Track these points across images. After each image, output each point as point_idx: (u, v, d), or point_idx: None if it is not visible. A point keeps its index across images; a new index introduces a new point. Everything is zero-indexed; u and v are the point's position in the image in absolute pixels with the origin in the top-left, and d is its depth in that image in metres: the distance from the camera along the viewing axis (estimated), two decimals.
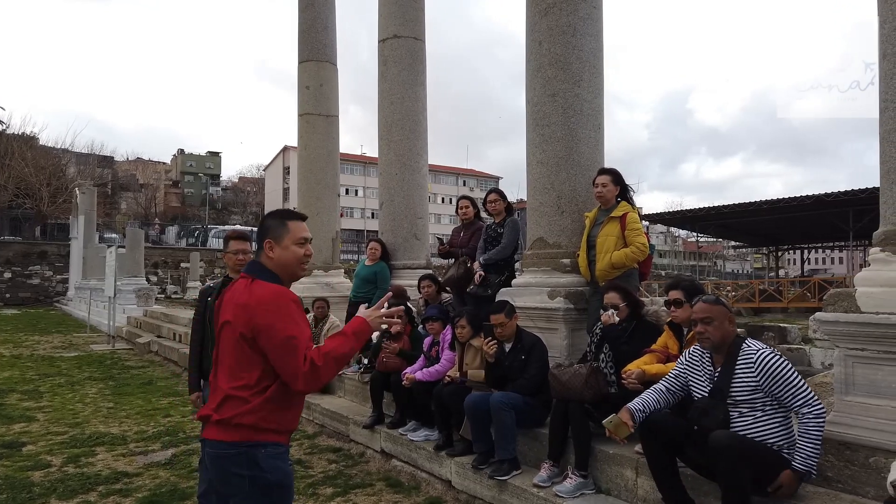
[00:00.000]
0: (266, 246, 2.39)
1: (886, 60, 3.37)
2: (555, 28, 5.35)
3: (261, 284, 2.30)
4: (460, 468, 4.84)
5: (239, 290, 2.33)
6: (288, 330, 2.20)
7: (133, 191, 73.53)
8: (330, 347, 2.26)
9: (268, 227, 2.43)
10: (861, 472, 3.21)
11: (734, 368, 3.24)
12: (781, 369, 3.14)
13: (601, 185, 5.01)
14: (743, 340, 3.31)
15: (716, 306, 3.34)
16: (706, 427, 3.22)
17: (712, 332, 3.31)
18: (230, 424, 2.23)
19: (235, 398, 2.24)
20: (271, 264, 2.38)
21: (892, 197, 3.34)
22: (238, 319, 2.25)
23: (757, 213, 27.78)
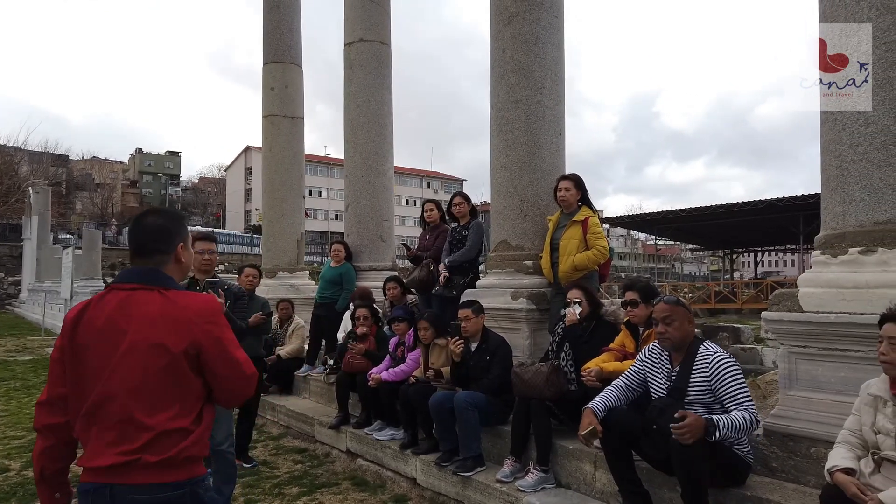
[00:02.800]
0: (181, 247, 2.13)
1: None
2: (518, 36, 5.50)
3: (184, 295, 2.03)
4: (425, 466, 4.94)
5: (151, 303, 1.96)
6: (233, 342, 2.04)
7: (89, 190, 71.72)
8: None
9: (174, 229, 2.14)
10: (803, 462, 3.41)
11: (692, 368, 3.40)
12: (730, 370, 3.30)
13: (564, 189, 5.18)
14: (702, 342, 3.48)
15: (676, 307, 3.50)
16: (663, 425, 3.37)
17: (672, 332, 3.46)
18: (174, 462, 1.91)
19: (174, 431, 1.92)
20: (179, 268, 2.14)
21: (831, 204, 3.55)
22: (167, 336, 1.92)
23: (711, 217, 28.59)
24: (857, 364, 3.26)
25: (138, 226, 2.11)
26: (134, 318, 1.93)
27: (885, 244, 3.28)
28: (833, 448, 2.87)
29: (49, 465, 2.08)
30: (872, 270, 3.28)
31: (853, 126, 3.42)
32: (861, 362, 3.24)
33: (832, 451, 2.85)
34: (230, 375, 2.01)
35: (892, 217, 3.29)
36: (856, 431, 2.83)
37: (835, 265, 3.45)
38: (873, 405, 2.78)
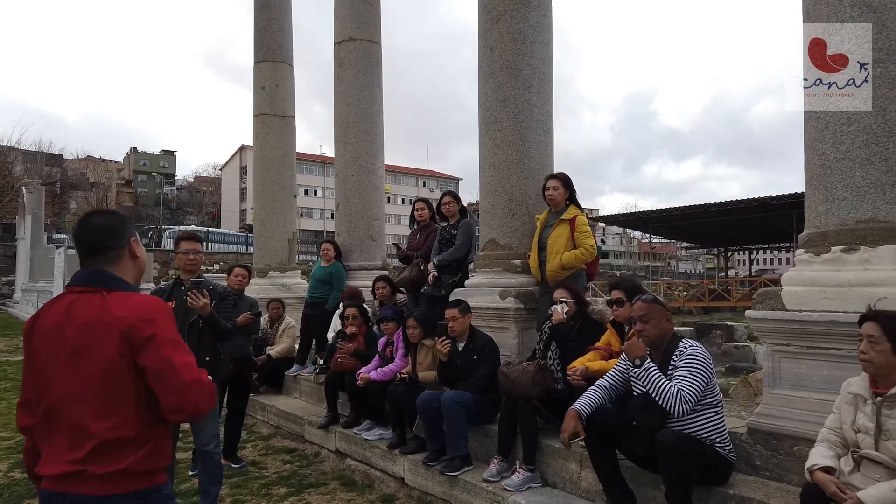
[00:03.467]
0: (132, 243, 2.05)
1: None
2: (506, 35, 5.49)
3: (125, 297, 1.93)
4: (413, 465, 4.94)
5: (91, 307, 1.91)
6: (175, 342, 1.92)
7: (84, 190, 71.43)
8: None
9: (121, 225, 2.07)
10: (787, 461, 3.42)
11: (669, 366, 3.41)
12: (692, 361, 3.34)
13: (552, 188, 5.18)
14: (680, 339, 3.49)
15: (653, 305, 3.51)
16: (644, 422, 3.38)
17: (649, 330, 3.47)
18: (125, 475, 1.86)
19: (120, 441, 1.86)
20: (132, 266, 2.06)
21: (814, 202, 3.56)
22: (106, 340, 1.86)
23: (705, 216, 28.65)
24: (839, 362, 3.26)
25: (85, 226, 2.03)
26: (74, 323, 1.89)
27: (868, 242, 3.29)
28: (814, 446, 2.87)
29: (33, 464, 2.05)
30: (854, 269, 3.29)
31: (836, 125, 3.42)
32: (843, 361, 3.24)
33: (812, 450, 2.85)
34: (164, 378, 1.86)
35: (875, 215, 3.30)
36: (836, 430, 2.83)
37: (818, 264, 3.46)
38: (853, 403, 2.78)
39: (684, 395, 3.21)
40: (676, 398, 3.20)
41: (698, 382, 3.29)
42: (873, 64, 3.30)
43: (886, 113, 3.28)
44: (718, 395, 3.48)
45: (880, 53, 3.29)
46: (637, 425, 3.42)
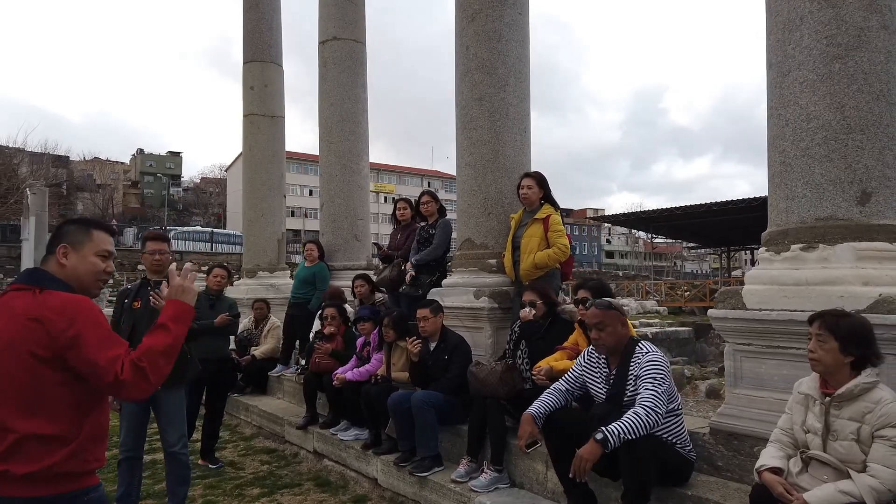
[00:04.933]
0: (60, 251, 2.06)
1: (772, 70, 3.56)
2: (481, 33, 5.47)
3: (52, 294, 1.94)
4: (386, 466, 4.92)
5: (20, 304, 1.93)
6: (98, 338, 1.90)
7: (90, 191, 71.76)
8: (150, 344, 1.96)
9: (65, 231, 2.12)
10: (747, 461, 3.37)
11: (627, 372, 3.37)
12: (650, 369, 3.27)
13: (526, 187, 5.15)
14: (637, 343, 3.45)
15: (608, 311, 3.46)
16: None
17: (605, 338, 3.44)
18: (44, 477, 1.85)
19: (44, 438, 1.86)
20: (63, 272, 2.05)
21: (776, 200, 3.52)
22: (28, 338, 1.87)
23: (707, 215, 28.51)
24: (797, 362, 3.21)
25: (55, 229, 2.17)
26: (2, 319, 1.92)
27: (826, 241, 3.25)
28: (765, 447, 2.84)
29: None
30: (813, 267, 3.25)
31: (796, 121, 3.38)
32: (802, 360, 3.16)
33: (763, 450, 2.83)
34: (94, 378, 1.90)
35: (834, 213, 3.26)
36: (787, 430, 2.80)
37: (778, 262, 3.42)
38: (804, 403, 2.75)
39: (657, 410, 3.13)
40: (653, 417, 3.10)
41: (663, 388, 3.24)
42: (832, 59, 3.26)
43: (845, 110, 3.24)
44: (677, 398, 3.45)
45: (839, 49, 3.25)
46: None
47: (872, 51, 3.23)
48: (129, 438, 4.24)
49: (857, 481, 2.44)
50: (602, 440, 3.00)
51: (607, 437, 3.00)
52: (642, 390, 3.22)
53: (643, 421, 3.06)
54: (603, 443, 3.00)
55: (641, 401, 3.17)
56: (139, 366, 1.89)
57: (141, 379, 1.90)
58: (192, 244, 46.79)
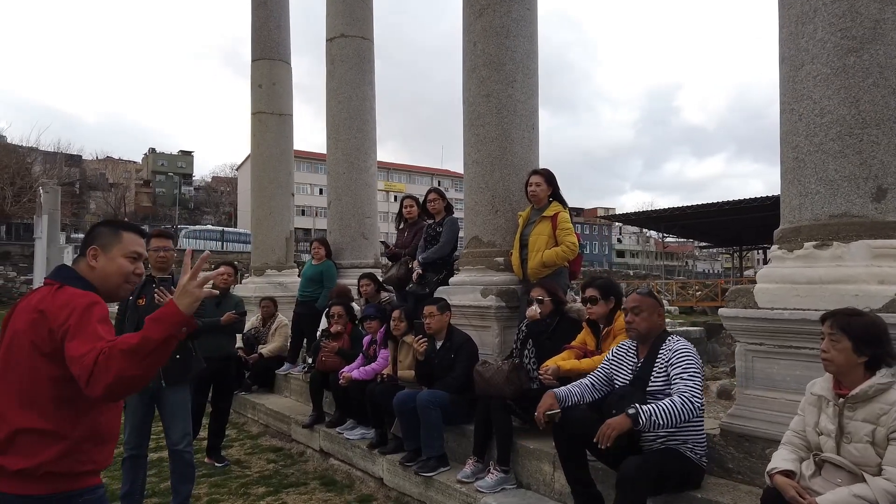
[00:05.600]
0: (90, 253, 2.08)
1: (784, 64, 3.48)
2: (489, 29, 5.41)
3: (67, 290, 1.95)
4: (391, 465, 4.88)
5: (38, 297, 1.96)
6: (85, 335, 1.83)
7: (103, 190, 72.30)
8: (120, 339, 1.81)
9: (96, 233, 2.14)
10: (758, 464, 3.30)
11: (655, 360, 3.32)
12: (684, 357, 3.22)
13: (535, 184, 5.09)
14: (669, 335, 3.40)
15: (647, 298, 3.45)
16: (622, 411, 3.27)
17: (639, 323, 3.39)
18: (36, 474, 1.82)
19: (39, 431, 1.84)
20: (91, 274, 2.07)
21: (788, 197, 3.44)
22: (32, 329, 1.88)
23: (718, 214, 28.27)
24: (810, 362, 3.14)
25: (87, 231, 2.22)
26: (23, 309, 1.96)
27: (840, 238, 3.17)
28: (777, 449, 2.77)
29: None
30: (826, 265, 3.17)
31: (809, 116, 3.30)
32: (815, 360, 3.08)
33: (775, 453, 2.75)
34: (71, 370, 1.81)
35: (848, 210, 3.18)
36: (800, 432, 2.73)
37: (790, 260, 3.34)
38: (817, 405, 2.67)
39: (694, 401, 3.06)
40: (683, 402, 3.03)
41: (698, 378, 3.18)
42: (847, 52, 3.17)
43: (860, 104, 3.15)
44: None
45: (854, 42, 3.16)
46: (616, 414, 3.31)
47: (888, 43, 3.14)
48: (133, 436, 4.22)
49: (871, 485, 2.37)
50: (633, 415, 2.98)
51: (639, 414, 2.97)
52: (678, 381, 3.16)
53: (678, 409, 3.01)
54: (634, 418, 2.98)
55: (679, 390, 3.10)
56: (98, 361, 1.74)
57: (96, 374, 1.74)
58: (203, 243, 47.03)
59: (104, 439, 2.00)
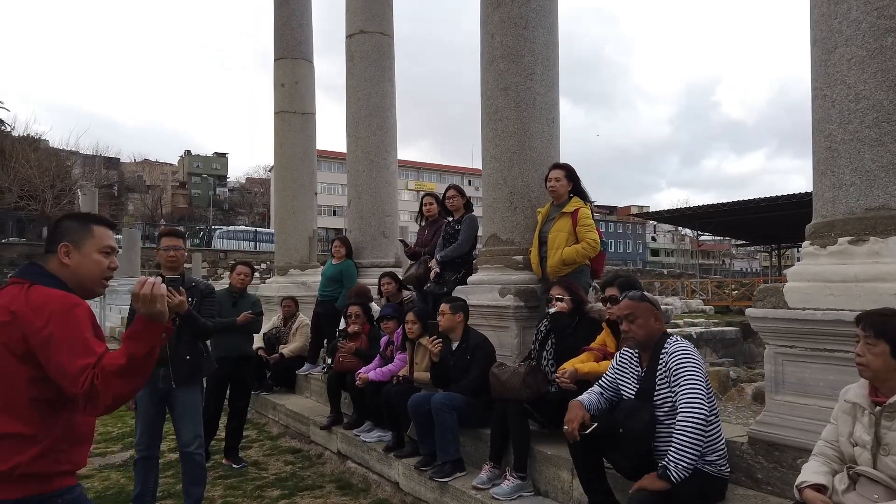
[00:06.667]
0: (61, 250, 1.98)
1: (816, 47, 3.25)
2: (507, 20, 5.25)
3: (40, 290, 1.87)
4: (407, 470, 4.76)
5: (7, 297, 1.87)
6: (70, 344, 1.78)
7: (140, 192, 73.79)
8: (107, 360, 1.78)
9: (65, 228, 2.02)
10: (789, 474, 3.09)
11: (657, 368, 3.12)
12: (682, 366, 3.01)
13: (554, 179, 4.93)
14: (668, 337, 3.20)
15: (640, 303, 3.22)
16: (631, 430, 3.10)
17: (635, 330, 3.19)
18: (11, 477, 1.77)
19: (12, 437, 1.78)
20: (64, 272, 1.97)
21: (821, 189, 3.22)
22: (2, 331, 1.81)
23: (755, 211, 27.51)
24: (845, 366, 2.92)
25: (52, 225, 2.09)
26: None
27: (878, 233, 2.94)
28: (807, 460, 2.57)
29: None
30: (862, 262, 2.94)
31: (843, 102, 3.07)
32: (849, 364, 2.85)
33: (805, 464, 2.55)
34: (62, 384, 1.79)
35: (886, 202, 2.94)
36: (832, 442, 2.52)
37: (823, 257, 3.12)
38: (851, 413, 2.46)
39: (699, 415, 2.89)
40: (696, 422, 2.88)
41: (699, 385, 2.98)
42: (884, 33, 2.94)
43: None
44: (713, 403, 3.15)
45: (891, 21, 2.93)
46: (623, 434, 3.14)
47: None
48: (144, 438, 4.17)
49: None
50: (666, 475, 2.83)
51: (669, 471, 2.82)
52: (679, 396, 2.96)
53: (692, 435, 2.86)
54: (667, 478, 2.83)
55: (681, 410, 2.91)
56: (95, 383, 1.75)
57: (95, 397, 1.76)
58: (236, 243, 47.61)
59: (80, 439, 1.95)
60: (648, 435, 3.10)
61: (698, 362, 3.03)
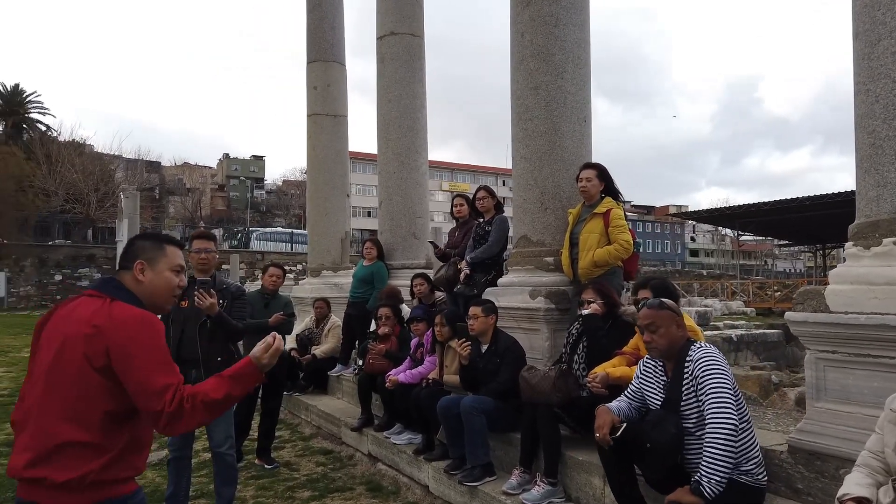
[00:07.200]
0: (136, 268, 2.09)
1: (858, 40, 3.12)
2: (537, 18, 5.17)
3: (122, 306, 1.97)
4: (437, 473, 4.73)
5: (89, 310, 1.95)
6: (154, 361, 1.91)
7: (180, 195, 75.38)
8: (203, 390, 1.94)
9: (139, 247, 2.15)
10: (831, 485, 2.96)
11: (683, 376, 3.02)
12: (708, 372, 2.91)
13: (585, 179, 4.84)
14: (692, 344, 3.09)
15: (660, 311, 3.11)
16: (657, 442, 3.01)
17: (658, 340, 3.09)
18: (82, 485, 1.83)
19: (82, 444, 1.85)
20: (138, 288, 2.08)
21: (864, 188, 3.08)
22: (86, 343, 1.89)
23: (798, 210, 26.77)
24: (891, 373, 2.80)
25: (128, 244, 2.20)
26: (70, 323, 1.95)
27: None
28: (850, 471, 2.45)
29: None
30: None
31: (888, 97, 2.94)
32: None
33: (848, 476, 2.43)
34: (138, 398, 1.90)
35: None
36: (877, 453, 2.40)
37: (867, 258, 2.99)
38: None
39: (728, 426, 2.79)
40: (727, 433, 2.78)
41: (727, 393, 2.88)
42: None
43: None
44: (744, 409, 3.01)
45: None
46: (651, 448, 3.04)
47: None
48: (177, 438, 4.22)
49: None
50: (699, 490, 2.75)
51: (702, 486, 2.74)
52: (707, 407, 2.86)
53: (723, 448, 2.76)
54: (701, 493, 2.75)
55: (710, 422, 2.81)
56: (184, 406, 1.90)
57: (177, 419, 1.90)
58: (273, 244, 48.31)
59: (142, 445, 2.04)
60: (676, 447, 3.01)
61: (725, 368, 2.93)
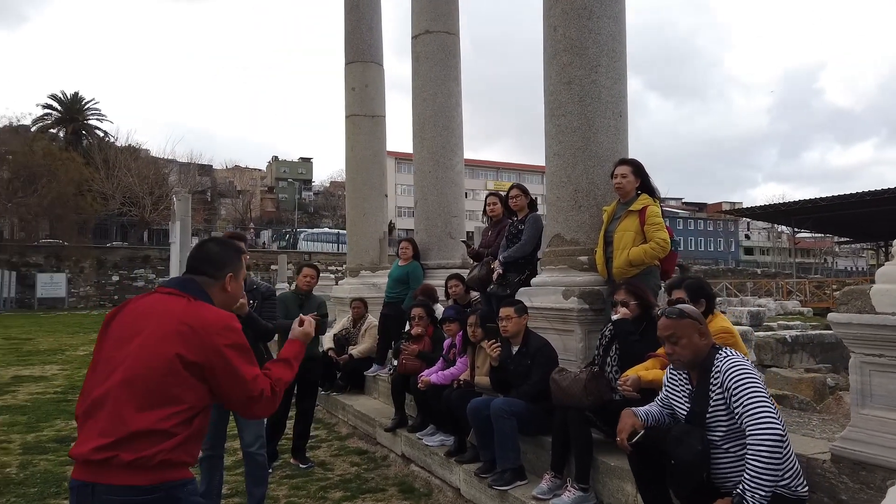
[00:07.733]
0: (228, 278, 2.28)
1: None
2: (570, 11, 5.04)
3: (208, 307, 2.12)
4: (468, 476, 4.67)
5: (175, 307, 2.07)
6: (246, 361, 2.09)
7: (231, 197, 77.20)
8: (278, 376, 2.23)
9: (229, 258, 2.32)
10: (877, 497, 2.77)
11: (709, 386, 2.87)
12: (740, 380, 2.75)
13: (620, 176, 4.69)
14: (717, 351, 2.94)
15: (680, 321, 2.95)
16: (682, 458, 2.86)
17: (680, 352, 2.94)
18: (149, 465, 1.90)
19: (156, 432, 1.93)
20: (220, 297, 2.26)
21: None
22: (180, 339, 1.99)
23: (858, 206, 25.65)
24: None
25: (199, 247, 2.35)
26: (153, 319, 2.04)
27: None
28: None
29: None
30: None
31: None
32: None
33: (892, 488, 2.27)
34: (233, 390, 2.08)
35: None
36: None
37: None
38: None
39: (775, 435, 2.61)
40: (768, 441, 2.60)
41: (771, 408, 2.69)
42: None
43: None
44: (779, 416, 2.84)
45: None
46: (676, 465, 2.90)
47: None
48: (209, 437, 4.24)
49: None
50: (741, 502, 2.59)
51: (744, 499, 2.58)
52: (745, 418, 2.69)
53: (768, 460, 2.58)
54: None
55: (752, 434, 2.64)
56: (275, 390, 2.18)
57: (270, 401, 2.17)
58: (320, 245, 49.05)
59: (202, 436, 2.15)
60: (701, 464, 2.85)
61: (756, 375, 2.77)
